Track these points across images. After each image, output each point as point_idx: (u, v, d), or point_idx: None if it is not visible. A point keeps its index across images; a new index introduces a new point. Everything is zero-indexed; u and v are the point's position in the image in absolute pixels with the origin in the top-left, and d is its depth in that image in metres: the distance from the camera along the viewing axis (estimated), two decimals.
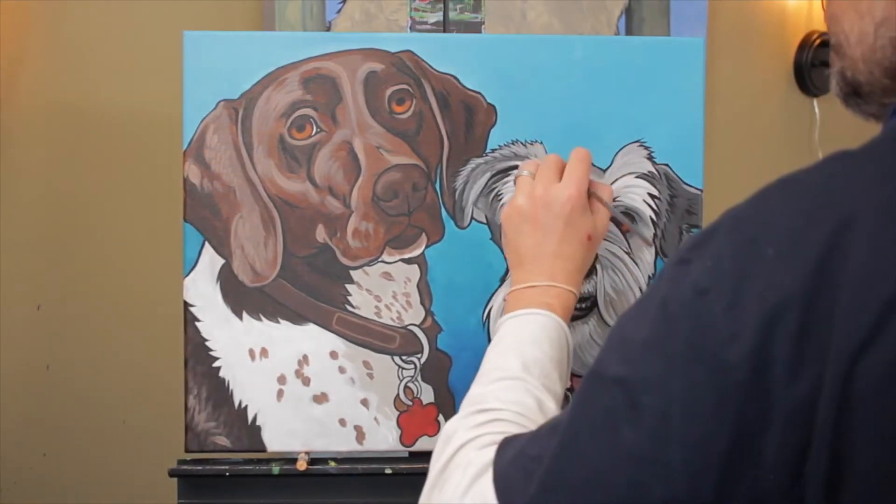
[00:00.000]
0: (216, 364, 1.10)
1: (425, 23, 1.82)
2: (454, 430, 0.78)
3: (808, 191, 0.63)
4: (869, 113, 0.74)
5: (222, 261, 1.10)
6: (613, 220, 1.10)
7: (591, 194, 1.01)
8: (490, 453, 0.72)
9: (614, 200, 1.11)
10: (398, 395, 1.11)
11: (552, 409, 0.84)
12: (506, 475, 0.68)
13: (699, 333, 0.60)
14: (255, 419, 1.10)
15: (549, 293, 0.95)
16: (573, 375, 1.12)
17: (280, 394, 1.10)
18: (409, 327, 1.11)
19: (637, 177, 1.12)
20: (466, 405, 0.83)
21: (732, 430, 0.58)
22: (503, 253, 1.06)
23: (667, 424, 0.60)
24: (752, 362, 0.58)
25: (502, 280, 1.11)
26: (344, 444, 1.11)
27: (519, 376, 0.86)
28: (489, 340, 1.11)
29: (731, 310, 0.59)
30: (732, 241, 0.62)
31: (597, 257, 1.10)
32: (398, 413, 1.11)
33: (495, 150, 1.11)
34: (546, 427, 0.69)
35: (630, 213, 1.12)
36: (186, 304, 1.10)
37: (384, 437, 1.11)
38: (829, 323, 0.57)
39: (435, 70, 1.11)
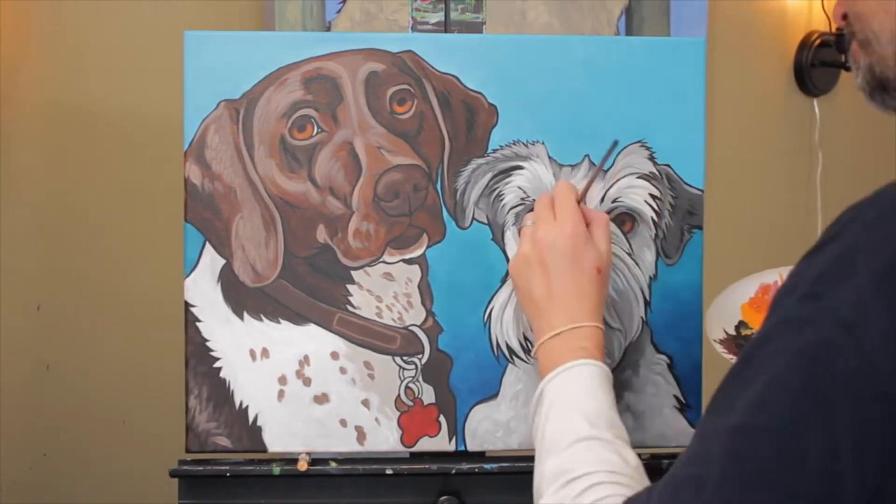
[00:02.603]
0: (217, 364, 1.10)
1: (426, 23, 1.82)
2: None
3: None
4: (892, 107, 0.75)
5: (223, 261, 1.10)
6: (613, 219, 1.10)
7: (588, 225, 1.00)
8: None
9: (614, 202, 1.11)
10: (399, 395, 1.11)
11: (632, 458, 0.83)
12: None
13: (854, 372, 0.58)
14: (255, 419, 1.10)
15: (578, 335, 0.94)
16: None
17: (281, 394, 1.10)
18: (410, 328, 1.11)
19: (638, 177, 1.12)
20: (551, 479, 0.81)
21: None
22: (520, 306, 1.04)
23: (835, 465, 0.59)
24: None
25: (503, 280, 1.11)
26: (345, 444, 1.10)
27: (590, 435, 0.84)
28: (490, 341, 1.11)
29: (887, 343, 0.58)
30: (871, 270, 0.60)
31: None
32: (399, 413, 1.11)
33: (496, 150, 1.11)
34: (677, 484, 0.66)
35: (631, 214, 1.12)
36: (187, 305, 1.10)
37: (385, 438, 1.11)
38: None
39: (436, 70, 1.11)
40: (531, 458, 1.10)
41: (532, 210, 1.07)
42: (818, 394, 0.59)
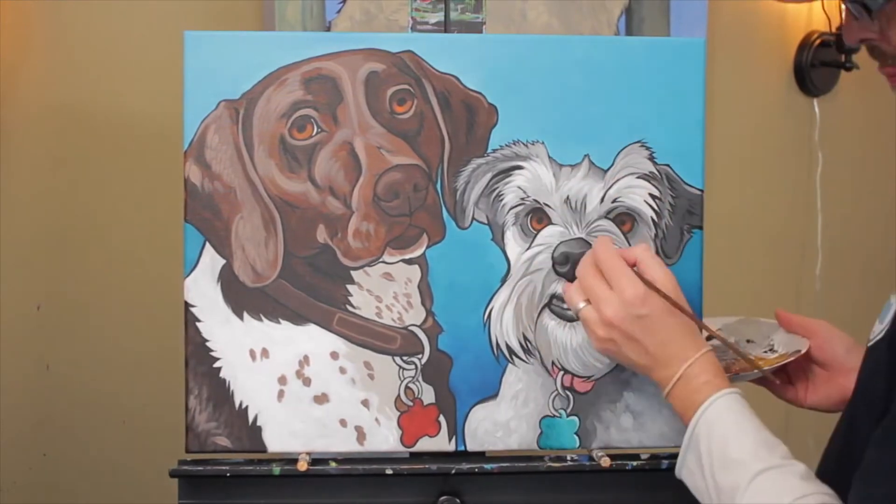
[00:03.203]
0: (217, 364, 1.10)
1: (426, 23, 1.82)
2: None
3: None
4: None
5: (223, 261, 1.10)
6: (613, 219, 1.10)
7: (635, 265, 1.02)
8: None
9: (614, 202, 1.11)
10: (399, 395, 1.11)
11: (801, 469, 0.88)
12: None
13: None
14: (255, 420, 1.10)
15: (695, 372, 0.98)
16: (575, 377, 1.12)
17: (281, 394, 1.10)
18: (410, 328, 1.11)
19: (638, 177, 1.12)
20: None
21: None
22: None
23: None
24: None
25: (503, 281, 1.11)
26: (344, 444, 1.10)
27: (768, 466, 0.88)
28: (490, 342, 1.11)
29: None
30: None
31: None
32: (399, 413, 1.11)
33: (497, 150, 1.11)
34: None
35: (631, 214, 1.12)
36: (187, 305, 1.10)
37: (385, 438, 1.11)
38: None
39: (436, 70, 1.11)
40: (531, 458, 1.11)
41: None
42: None
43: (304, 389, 1.10)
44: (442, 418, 1.11)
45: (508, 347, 1.11)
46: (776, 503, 0.84)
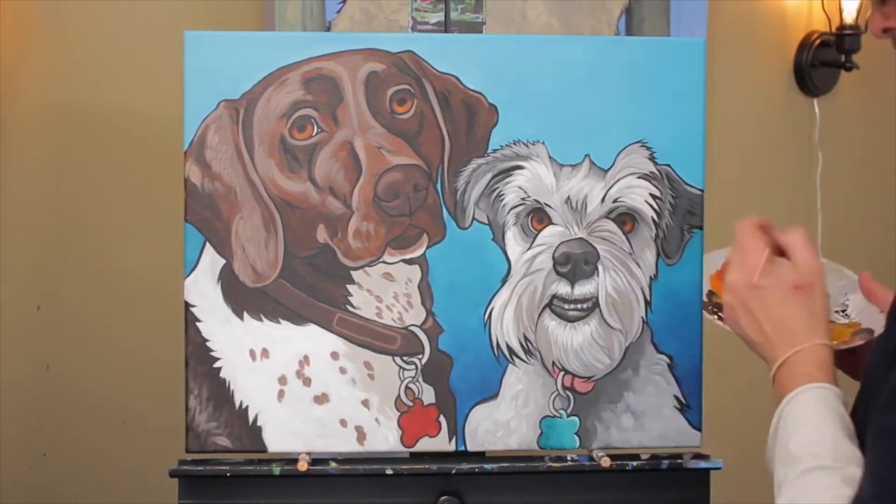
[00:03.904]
0: (217, 364, 1.10)
1: (426, 23, 1.82)
2: None
3: None
4: None
5: (223, 261, 1.10)
6: (614, 219, 1.10)
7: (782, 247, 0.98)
8: None
9: (615, 201, 1.11)
10: (399, 395, 1.11)
11: (855, 473, 0.83)
12: None
13: None
14: (255, 420, 1.10)
15: (800, 360, 0.92)
16: (576, 377, 1.12)
17: (281, 394, 1.10)
18: (410, 328, 1.11)
19: (639, 177, 1.12)
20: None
21: None
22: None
23: None
24: None
25: (503, 281, 1.11)
26: (345, 444, 1.10)
27: (817, 466, 0.85)
28: (490, 342, 1.11)
29: None
30: None
31: (598, 257, 1.10)
32: (399, 414, 1.11)
33: (497, 150, 1.11)
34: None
35: (632, 214, 1.12)
36: (187, 305, 1.10)
37: (385, 438, 1.11)
38: None
39: (436, 70, 1.11)
40: (531, 459, 1.11)
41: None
42: None
43: (305, 389, 1.10)
44: (442, 418, 1.11)
45: (509, 347, 1.11)
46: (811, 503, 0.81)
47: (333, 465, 1.09)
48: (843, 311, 1.12)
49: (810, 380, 0.91)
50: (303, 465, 1.08)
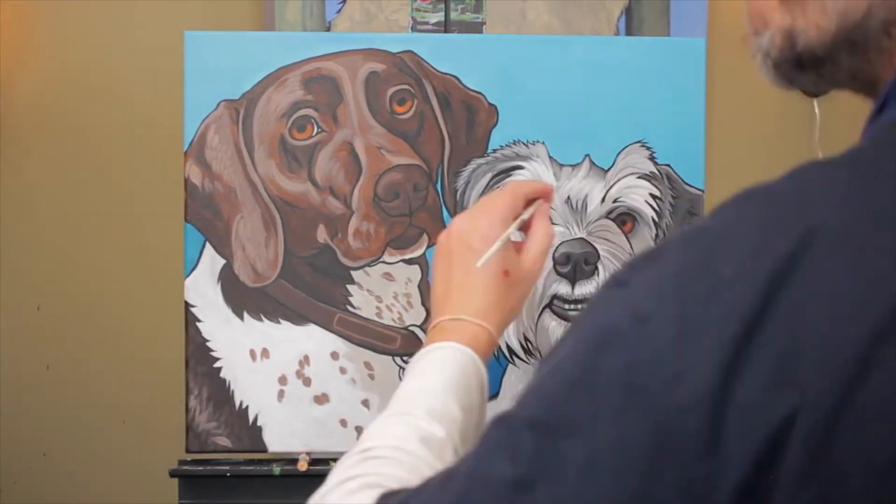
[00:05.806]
0: (217, 364, 1.10)
1: (426, 23, 1.82)
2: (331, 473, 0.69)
3: (777, 202, 0.53)
4: (800, 86, 0.68)
5: (223, 261, 1.10)
6: (614, 219, 1.10)
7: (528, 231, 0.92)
8: (363, 498, 0.63)
9: (615, 201, 1.11)
10: None
11: (440, 436, 0.75)
12: None
13: (636, 369, 0.48)
14: (255, 420, 1.10)
15: (454, 328, 0.85)
16: None
17: (281, 394, 1.10)
18: (410, 328, 1.11)
19: (639, 177, 1.12)
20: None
21: (673, 492, 0.47)
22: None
23: (589, 479, 0.48)
24: (704, 408, 0.47)
25: None
26: (345, 444, 1.10)
27: (402, 411, 0.76)
28: None
29: (677, 342, 0.48)
30: (682, 260, 0.51)
31: (599, 257, 1.10)
32: None
33: (497, 150, 1.11)
34: (438, 478, 0.55)
35: (632, 214, 1.12)
36: (187, 305, 1.10)
37: None
38: (798, 358, 0.47)
39: (436, 70, 1.11)
40: None
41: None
42: (595, 392, 0.49)
43: (305, 389, 1.10)
44: None
45: (509, 348, 1.11)
46: (361, 448, 0.73)
47: (333, 465, 1.09)
48: None
49: (444, 339, 0.83)
50: (303, 465, 1.08)
